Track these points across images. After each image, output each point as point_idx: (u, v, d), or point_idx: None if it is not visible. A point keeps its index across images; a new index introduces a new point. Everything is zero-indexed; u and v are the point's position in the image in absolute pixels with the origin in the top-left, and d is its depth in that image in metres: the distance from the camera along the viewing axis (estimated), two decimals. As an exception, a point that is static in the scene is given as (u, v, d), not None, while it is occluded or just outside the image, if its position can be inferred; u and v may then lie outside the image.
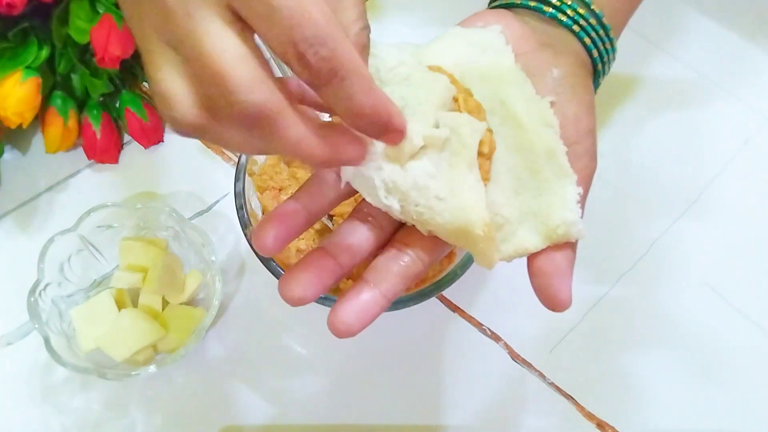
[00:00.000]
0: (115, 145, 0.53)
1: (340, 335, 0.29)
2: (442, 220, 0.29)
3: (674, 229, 0.52)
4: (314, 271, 0.29)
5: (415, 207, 0.29)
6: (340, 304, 0.29)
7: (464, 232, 0.29)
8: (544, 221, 0.30)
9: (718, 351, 0.48)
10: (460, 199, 0.29)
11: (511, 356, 0.48)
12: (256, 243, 0.30)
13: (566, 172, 0.30)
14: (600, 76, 0.37)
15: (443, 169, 0.29)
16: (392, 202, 0.29)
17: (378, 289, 0.30)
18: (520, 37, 0.33)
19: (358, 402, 0.46)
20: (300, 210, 0.31)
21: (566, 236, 0.30)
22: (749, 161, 0.55)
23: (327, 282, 0.29)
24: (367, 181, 0.29)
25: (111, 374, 0.42)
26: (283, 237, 0.30)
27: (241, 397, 0.46)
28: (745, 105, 0.58)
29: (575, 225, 0.30)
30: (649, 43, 0.61)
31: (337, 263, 0.30)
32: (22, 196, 0.52)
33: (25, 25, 0.49)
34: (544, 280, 0.30)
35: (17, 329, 0.47)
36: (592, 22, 0.35)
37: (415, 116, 0.29)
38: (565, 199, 0.30)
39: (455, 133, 0.29)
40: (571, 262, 0.31)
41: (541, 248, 0.30)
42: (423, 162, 0.29)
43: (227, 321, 0.48)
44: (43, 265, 0.44)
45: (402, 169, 0.29)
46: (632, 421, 0.46)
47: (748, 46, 0.61)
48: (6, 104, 0.47)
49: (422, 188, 0.29)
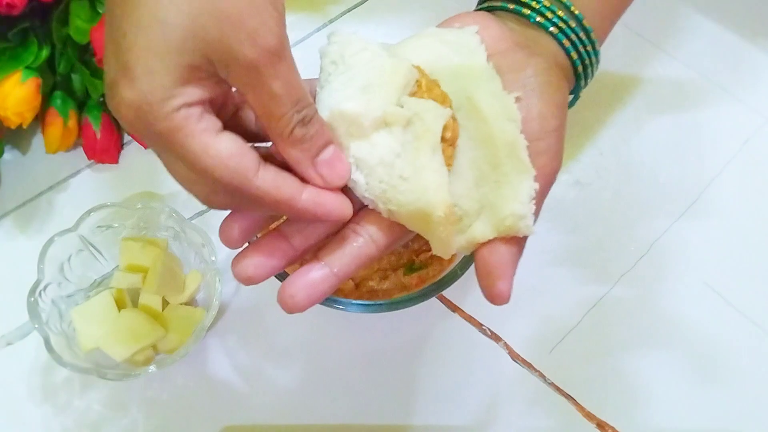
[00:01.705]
0: (115, 145, 0.53)
1: (288, 309, 0.29)
2: (404, 199, 0.30)
3: (674, 229, 0.52)
4: (267, 252, 0.30)
5: (379, 183, 0.30)
6: (290, 280, 0.29)
7: (424, 214, 0.30)
8: (496, 213, 0.30)
9: (718, 351, 0.48)
10: (423, 181, 0.29)
11: (511, 356, 0.48)
12: (221, 236, 0.30)
13: (525, 167, 0.30)
14: (582, 78, 0.37)
15: (408, 151, 0.30)
16: (358, 177, 0.30)
17: (329, 267, 0.30)
18: (496, 38, 0.33)
19: (359, 402, 0.46)
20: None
21: (514, 229, 0.30)
22: (749, 161, 0.55)
23: (279, 263, 0.30)
24: None
25: (111, 374, 0.42)
26: (246, 229, 0.30)
27: (241, 397, 0.46)
28: (745, 105, 0.58)
29: (524, 219, 0.29)
30: (649, 43, 0.61)
31: (290, 245, 0.30)
32: (22, 196, 0.52)
33: (25, 25, 0.49)
34: (486, 270, 0.30)
35: (17, 329, 0.47)
36: (571, 24, 0.35)
37: (378, 95, 0.30)
38: (519, 193, 0.30)
39: (419, 117, 0.30)
40: (515, 257, 0.30)
41: (490, 238, 0.30)
42: (389, 139, 0.30)
43: (227, 321, 0.48)
44: (43, 265, 0.44)
45: (368, 144, 0.30)
46: (632, 421, 0.46)
47: (748, 46, 0.61)
48: (6, 104, 0.47)
49: (387, 165, 0.30)
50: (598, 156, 0.55)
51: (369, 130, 0.30)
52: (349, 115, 0.29)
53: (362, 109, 0.29)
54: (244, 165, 0.27)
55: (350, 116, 0.29)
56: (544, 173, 0.31)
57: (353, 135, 0.30)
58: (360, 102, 0.29)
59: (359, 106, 0.29)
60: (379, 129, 0.30)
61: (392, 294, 0.44)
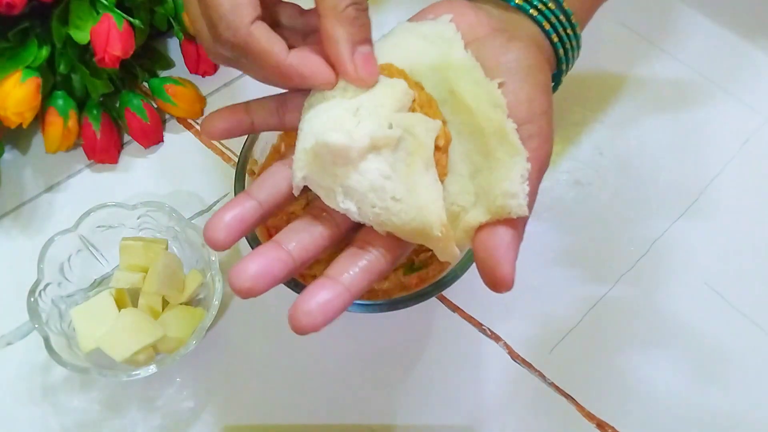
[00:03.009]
0: (115, 145, 0.53)
1: (302, 330, 0.28)
2: (399, 221, 0.29)
3: (674, 229, 0.52)
4: (265, 263, 0.29)
5: (372, 209, 0.29)
6: (303, 298, 0.28)
7: (422, 232, 0.29)
8: (488, 195, 0.29)
9: (718, 351, 0.48)
10: (418, 200, 0.29)
11: (511, 356, 0.48)
12: (206, 237, 0.30)
13: (517, 149, 0.29)
14: (563, 62, 0.36)
15: (400, 170, 0.29)
16: (349, 205, 0.30)
17: (342, 283, 0.29)
18: (473, 25, 0.33)
19: (358, 402, 0.46)
20: (254, 205, 0.31)
21: (506, 209, 0.28)
22: (749, 161, 0.55)
23: (279, 274, 0.29)
24: (324, 187, 0.30)
25: (111, 374, 0.42)
26: (235, 232, 0.30)
27: (241, 397, 0.46)
28: (745, 105, 0.58)
29: (515, 198, 0.28)
30: (649, 43, 0.61)
31: (290, 256, 0.30)
32: (22, 196, 0.52)
33: (25, 25, 0.49)
34: (484, 254, 0.28)
35: (17, 329, 0.47)
36: (551, 6, 0.35)
37: (369, 119, 0.29)
38: (510, 172, 0.29)
39: (410, 132, 0.29)
40: (514, 240, 0.29)
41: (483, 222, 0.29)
42: (377, 163, 0.29)
43: (227, 321, 0.48)
44: (43, 265, 0.44)
45: (356, 172, 0.29)
46: (632, 421, 0.46)
47: (748, 46, 0.61)
48: (6, 104, 0.47)
49: (378, 189, 0.29)
50: (598, 156, 0.55)
51: (357, 160, 0.29)
52: (335, 147, 0.28)
53: (348, 141, 0.28)
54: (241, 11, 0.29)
55: (336, 149, 0.28)
56: (537, 156, 0.30)
57: (339, 164, 0.29)
58: (345, 133, 0.28)
59: (345, 138, 0.28)
60: (367, 155, 0.29)
61: (392, 294, 0.44)
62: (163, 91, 0.54)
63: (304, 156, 0.30)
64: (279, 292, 0.44)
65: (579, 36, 0.37)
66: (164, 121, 0.56)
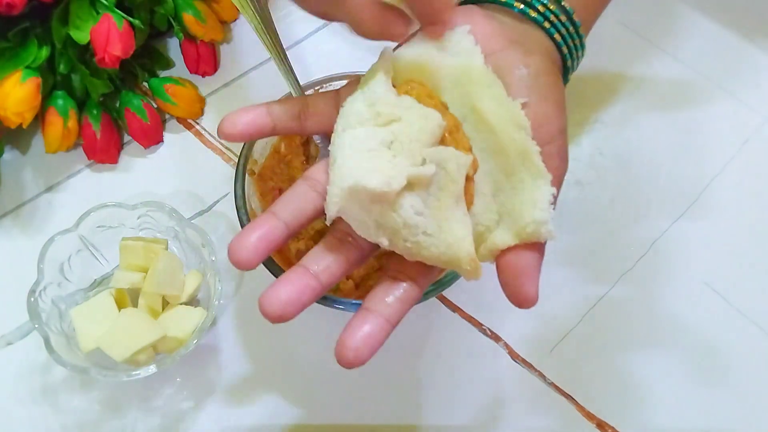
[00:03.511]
0: (115, 145, 0.53)
1: (349, 364, 0.29)
2: (429, 254, 0.30)
3: (674, 229, 0.52)
4: (296, 290, 0.30)
5: (404, 242, 0.30)
6: (347, 333, 0.30)
7: (450, 264, 0.30)
8: (516, 220, 0.30)
9: (718, 351, 0.48)
10: (449, 235, 0.30)
11: (511, 356, 0.48)
12: (232, 257, 0.30)
13: (541, 173, 0.30)
14: (569, 72, 0.37)
15: (431, 205, 0.30)
16: (382, 239, 0.30)
17: (382, 315, 0.30)
18: (489, 36, 0.33)
19: (359, 402, 0.46)
20: (280, 226, 0.31)
21: (535, 235, 0.30)
22: (749, 161, 0.55)
23: (308, 301, 0.30)
24: (357, 219, 0.30)
25: (111, 374, 0.42)
26: (261, 252, 0.30)
27: (242, 397, 0.46)
28: (745, 105, 0.58)
29: (545, 225, 0.29)
30: (649, 43, 0.61)
31: (319, 282, 0.31)
32: (22, 196, 0.52)
33: (25, 25, 0.49)
34: (511, 276, 0.30)
35: (17, 329, 0.47)
36: (562, 18, 0.35)
37: (403, 153, 0.30)
38: (538, 199, 0.30)
39: (441, 168, 0.30)
40: (538, 261, 0.30)
41: (511, 245, 0.30)
42: (411, 200, 0.30)
43: (227, 321, 0.48)
44: (43, 265, 0.44)
45: (392, 210, 0.29)
46: (632, 421, 0.46)
47: (748, 46, 0.61)
48: (6, 104, 0.47)
49: (411, 226, 0.30)
50: (598, 156, 0.56)
51: (393, 201, 0.29)
52: (374, 191, 0.29)
53: (386, 187, 0.29)
54: None
55: (375, 193, 0.29)
56: (556, 176, 0.31)
57: (376, 203, 0.29)
58: (384, 176, 0.29)
59: (383, 183, 0.29)
60: (403, 194, 0.30)
61: (392, 294, 0.44)
62: (163, 91, 0.54)
63: (340, 193, 0.30)
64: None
65: (584, 45, 0.37)
66: (164, 121, 0.56)
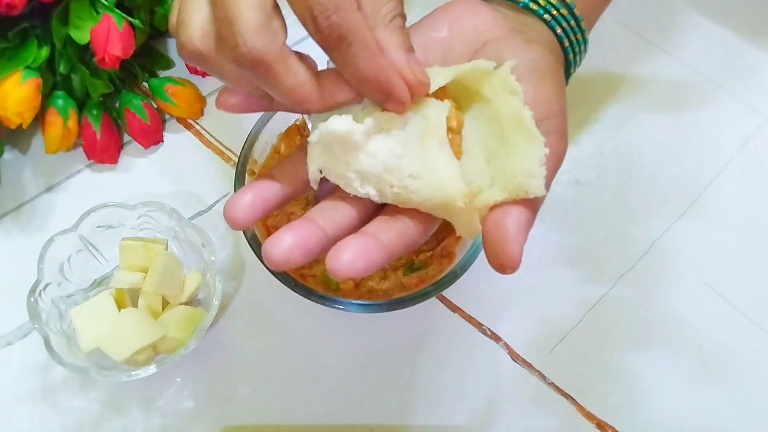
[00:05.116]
0: (115, 145, 0.53)
1: (340, 274, 0.27)
2: (419, 198, 0.29)
3: (674, 229, 0.52)
4: (301, 236, 0.28)
5: (390, 189, 0.29)
6: (342, 243, 0.27)
7: (444, 206, 0.29)
8: (506, 177, 0.29)
9: (718, 351, 0.48)
10: (436, 175, 0.29)
11: (511, 356, 0.48)
12: (227, 214, 0.30)
13: (534, 136, 0.29)
14: (571, 66, 0.37)
15: (414, 150, 0.29)
16: (368, 189, 0.30)
17: (378, 238, 0.28)
18: (490, 24, 0.33)
19: (359, 402, 0.46)
20: (276, 186, 0.31)
21: (524, 187, 0.28)
22: (749, 161, 0.55)
23: (314, 248, 0.28)
24: (340, 176, 0.30)
25: (111, 374, 0.42)
26: (257, 211, 0.30)
27: (241, 397, 0.46)
28: (745, 105, 0.58)
29: (534, 177, 0.28)
30: (649, 43, 0.61)
31: (324, 232, 0.29)
32: (22, 196, 0.52)
33: (25, 25, 0.49)
34: (494, 234, 0.28)
35: (17, 329, 0.47)
36: (563, 12, 0.35)
37: (375, 107, 0.30)
38: (528, 155, 0.29)
39: (421, 116, 0.30)
40: (527, 221, 0.29)
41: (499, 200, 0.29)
42: (387, 143, 0.29)
43: (227, 321, 0.48)
44: (43, 265, 0.44)
45: (366, 155, 0.29)
46: (632, 421, 0.46)
47: (748, 46, 0.61)
48: (6, 104, 0.47)
49: (393, 169, 0.29)
50: (598, 156, 0.56)
51: (363, 142, 0.29)
52: (338, 133, 0.28)
53: (351, 125, 0.28)
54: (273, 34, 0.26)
55: (340, 134, 0.28)
56: (554, 152, 0.30)
57: (348, 150, 0.29)
58: (348, 118, 0.28)
59: (347, 123, 0.28)
60: (374, 136, 0.29)
61: (392, 294, 0.44)
62: (163, 91, 0.54)
63: (314, 148, 0.30)
64: (279, 293, 0.44)
65: (587, 41, 0.37)
66: (164, 121, 0.56)
